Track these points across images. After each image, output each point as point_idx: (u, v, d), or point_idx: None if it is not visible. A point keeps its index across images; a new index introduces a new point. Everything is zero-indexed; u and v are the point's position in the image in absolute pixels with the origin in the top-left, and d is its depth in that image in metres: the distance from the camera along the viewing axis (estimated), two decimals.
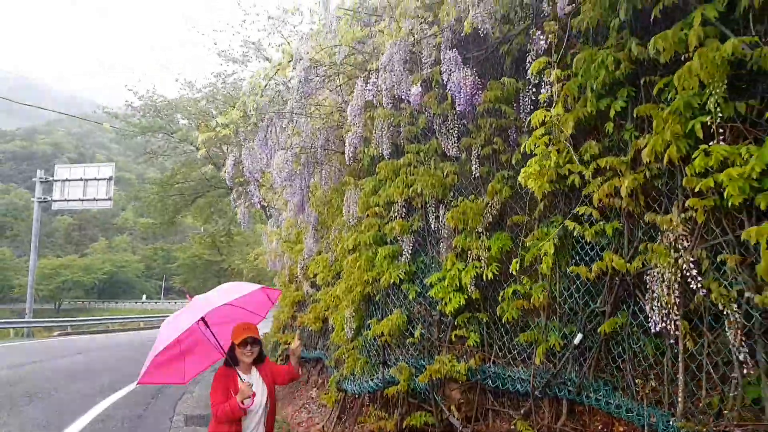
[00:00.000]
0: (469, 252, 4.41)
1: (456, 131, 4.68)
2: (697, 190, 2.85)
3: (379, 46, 5.25)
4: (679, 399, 2.93)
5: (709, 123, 2.83)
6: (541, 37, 3.56)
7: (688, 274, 2.85)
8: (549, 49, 3.60)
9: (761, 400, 2.63)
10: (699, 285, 2.82)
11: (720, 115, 2.81)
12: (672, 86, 2.99)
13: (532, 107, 3.94)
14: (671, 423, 2.90)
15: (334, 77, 5.94)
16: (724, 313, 2.74)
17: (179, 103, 20.84)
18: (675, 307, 2.91)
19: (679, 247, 2.93)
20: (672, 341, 3.01)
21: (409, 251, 5.05)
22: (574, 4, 3.59)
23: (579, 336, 3.63)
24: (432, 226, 4.90)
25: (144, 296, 65.00)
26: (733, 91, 2.91)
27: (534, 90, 4.05)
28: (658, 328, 2.98)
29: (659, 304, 2.98)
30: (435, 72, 4.59)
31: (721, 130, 2.81)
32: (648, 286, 3.08)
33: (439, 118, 4.80)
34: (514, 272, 3.90)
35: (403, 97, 4.56)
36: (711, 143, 2.79)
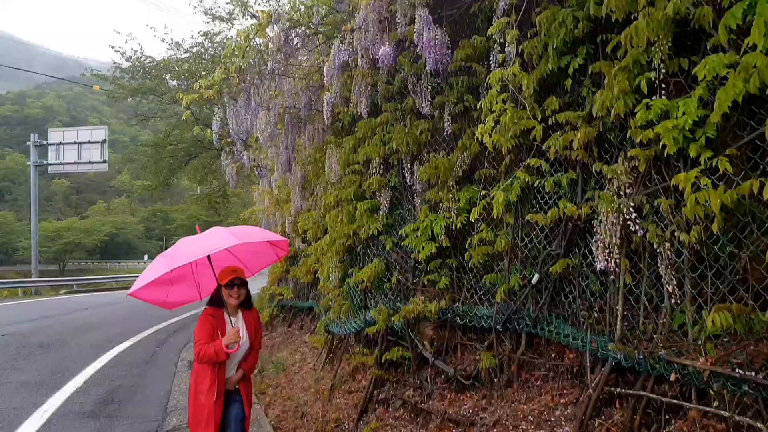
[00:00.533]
0: (441, 204, 4.71)
1: (430, 90, 4.90)
2: (638, 141, 3.12)
3: (357, 4, 5.39)
4: (617, 327, 3.30)
5: (653, 79, 3.08)
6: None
7: (628, 218, 3.16)
8: (511, 9, 3.80)
9: (685, 325, 2.98)
10: (638, 227, 3.14)
11: (664, 71, 3.05)
12: (624, 43, 3.22)
13: (499, 65, 4.14)
14: (608, 347, 3.27)
15: (314, 37, 6.08)
16: (659, 251, 3.07)
17: (167, 63, 20.64)
18: (616, 248, 3.24)
19: (622, 194, 3.24)
20: (613, 277, 3.35)
21: (387, 205, 5.37)
22: None
23: (536, 276, 3.98)
24: (408, 181, 5.19)
25: (146, 256, 65.71)
26: (679, 48, 3.14)
27: (499, 49, 4.26)
28: (602, 267, 3.32)
29: (604, 246, 3.31)
30: (409, 32, 4.77)
31: (664, 86, 3.06)
32: (595, 230, 3.40)
33: (413, 77, 5.01)
34: (472, 220, 4.22)
35: (377, 57, 4.75)
36: (654, 98, 3.04)
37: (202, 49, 19.54)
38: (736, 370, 2.56)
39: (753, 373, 2.49)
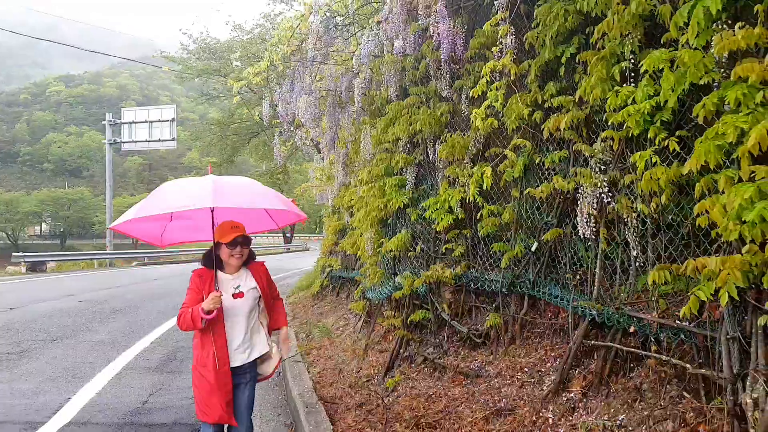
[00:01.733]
0: (457, 180, 5.23)
1: (448, 75, 5.38)
2: (610, 123, 3.54)
3: None
4: (595, 287, 3.77)
5: (624, 68, 3.47)
6: None
7: (602, 191, 3.60)
8: (509, 4, 4.23)
9: (647, 285, 3.42)
10: (611, 200, 3.57)
11: (633, 61, 3.44)
12: (601, 36, 3.61)
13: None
14: (587, 305, 3.75)
15: (350, 26, 6.65)
16: (627, 220, 3.50)
17: (231, 45, 21.72)
18: (593, 218, 3.69)
19: (598, 171, 3.67)
20: (591, 244, 3.80)
21: (413, 180, 5.94)
22: None
23: (535, 244, 4.46)
24: (430, 158, 5.72)
25: None
26: (650, 40, 3.50)
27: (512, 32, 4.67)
28: (583, 235, 3.78)
29: (585, 216, 3.76)
30: (428, 24, 5.26)
31: (633, 75, 3.44)
32: (578, 202, 3.85)
33: (434, 63, 5.50)
34: (474, 197, 4.73)
35: (401, 46, 5.27)
36: (624, 85, 3.44)
37: (264, 30, 20.46)
38: (676, 321, 3.00)
39: (687, 323, 2.93)
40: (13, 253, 25.07)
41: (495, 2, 4.29)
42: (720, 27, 2.75)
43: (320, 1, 6.22)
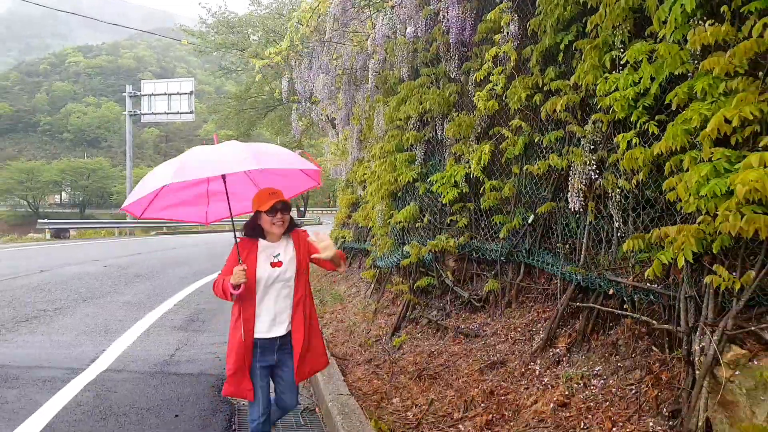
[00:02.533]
0: (463, 156, 5.62)
1: (457, 58, 5.73)
2: (600, 107, 3.90)
3: None
4: (582, 255, 4.18)
5: (614, 57, 3.81)
6: None
7: (590, 168, 3.98)
8: None
9: (626, 253, 3.82)
10: (598, 176, 3.96)
11: (622, 50, 3.78)
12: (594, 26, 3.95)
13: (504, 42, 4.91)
14: (573, 271, 4.17)
15: (367, 8, 6.98)
16: (611, 195, 3.89)
17: (249, 19, 21.99)
18: (582, 193, 4.08)
19: (588, 150, 4.04)
20: (579, 216, 4.20)
21: (422, 156, 6.34)
22: None
23: (531, 217, 4.86)
24: (439, 136, 6.11)
25: None
26: (640, 30, 3.83)
27: (516, 19, 5.01)
28: (572, 207, 4.17)
29: (576, 191, 4.15)
30: (439, 8, 5.59)
31: (622, 63, 3.78)
32: (570, 179, 4.23)
33: (444, 46, 5.85)
34: (477, 173, 5.13)
35: (412, 31, 5.62)
36: (613, 72, 3.79)
37: (281, 5, 20.69)
38: (647, 284, 3.41)
39: (655, 285, 3.34)
40: (38, 220, 25.99)
41: None
42: (695, 23, 3.10)
43: None
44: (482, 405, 4.06)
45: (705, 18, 3.11)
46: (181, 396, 4.82)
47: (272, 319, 3.05)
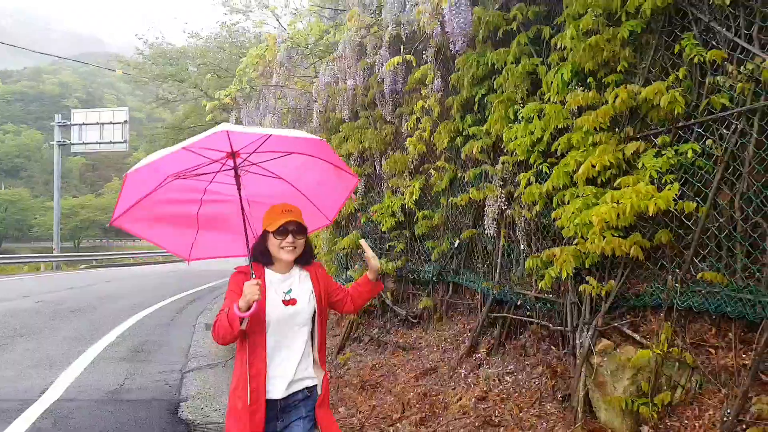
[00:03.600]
0: (398, 189, 6.40)
1: (392, 103, 6.55)
2: (506, 150, 4.78)
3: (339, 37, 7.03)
4: (497, 274, 5.00)
5: (516, 110, 4.71)
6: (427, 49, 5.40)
7: (501, 201, 4.83)
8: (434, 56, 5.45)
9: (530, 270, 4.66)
10: (507, 207, 4.81)
11: (522, 104, 4.67)
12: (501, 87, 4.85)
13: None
14: (490, 287, 4.98)
15: (309, 56, 7.73)
16: (518, 222, 4.74)
17: (188, 51, 22.20)
18: (495, 221, 4.91)
19: (499, 185, 4.90)
20: (495, 241, 5.04)
21: (362, 189, 7.08)
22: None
23: (457, 242, 5.67)
24: (377, 171, 6.88)
25: None
26: (536, 88, 4.75)
27: (440, 74, 5.87)
28: (491, 233, 5.00)
29: (491, 219, 4.98)
30: (374, 61, 6.41)
31: (521, 117, 4.67)
32: (486, 209, 5.06)
33: (379, 93, 6.66)
34: (410, 205, 5.92)
35: (352, 84, 6.41)
36: (515, 123, 4.68)
37: (221, 39, 21.05)
38: (545, 294, 4.25)
39: (551, 295, 4.19)
40: None
41: (425, 50, 5.48)
42: (573, 88, 4.02)
43: (283, 34, 7.27)
44: (417, 406, 4.73)
45: (579, 85, 4.05)
46: (138, 419, 5.03)
47: (281, 375, 2.37)
